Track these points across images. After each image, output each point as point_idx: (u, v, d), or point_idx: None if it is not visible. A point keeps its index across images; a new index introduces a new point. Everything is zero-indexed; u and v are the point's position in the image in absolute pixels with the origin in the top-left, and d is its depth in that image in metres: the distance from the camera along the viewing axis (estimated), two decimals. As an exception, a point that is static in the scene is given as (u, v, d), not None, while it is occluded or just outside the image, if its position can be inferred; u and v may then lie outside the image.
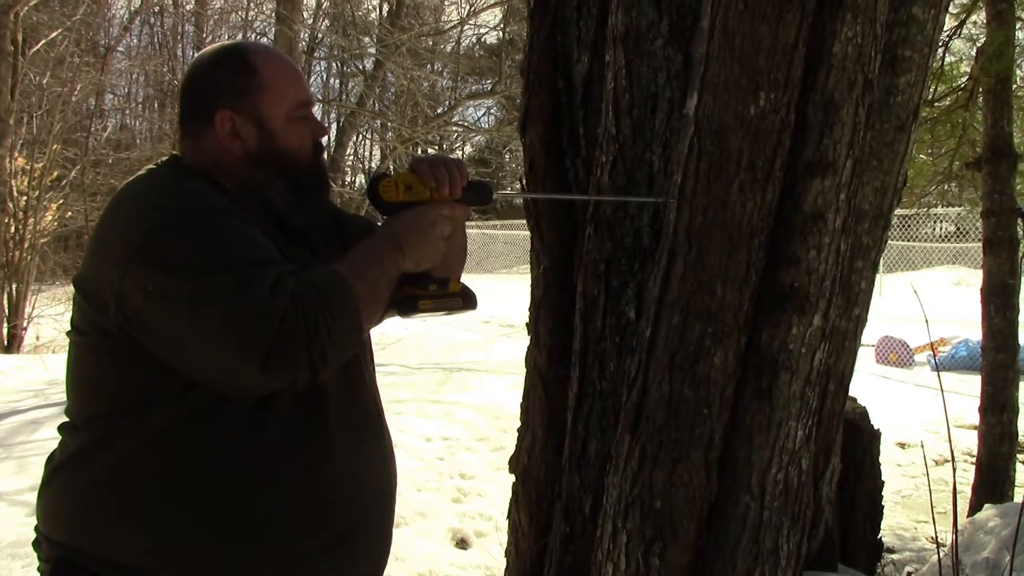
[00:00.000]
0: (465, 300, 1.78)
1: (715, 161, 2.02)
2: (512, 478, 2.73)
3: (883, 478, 2.87)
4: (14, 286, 13.36)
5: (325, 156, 1.82)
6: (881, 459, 2.87)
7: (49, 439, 6.22)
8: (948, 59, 5.83)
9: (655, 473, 2.09)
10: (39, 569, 1.63)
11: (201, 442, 1.53)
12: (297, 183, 1.70)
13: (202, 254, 1.47)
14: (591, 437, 2.39)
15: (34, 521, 1.68)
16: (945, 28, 5.20)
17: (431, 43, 20.85)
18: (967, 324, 11.00)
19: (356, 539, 1.70)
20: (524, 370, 2.68)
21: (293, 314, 1.41)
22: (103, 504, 1.55)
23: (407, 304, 1.69)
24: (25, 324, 13.41)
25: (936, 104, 5.59)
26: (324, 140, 1.82)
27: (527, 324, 2.67)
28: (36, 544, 1.65)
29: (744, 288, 2.05)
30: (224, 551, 1.54)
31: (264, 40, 22.24)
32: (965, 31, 5.99)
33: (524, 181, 2.64)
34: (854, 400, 2.79)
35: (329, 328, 1.44)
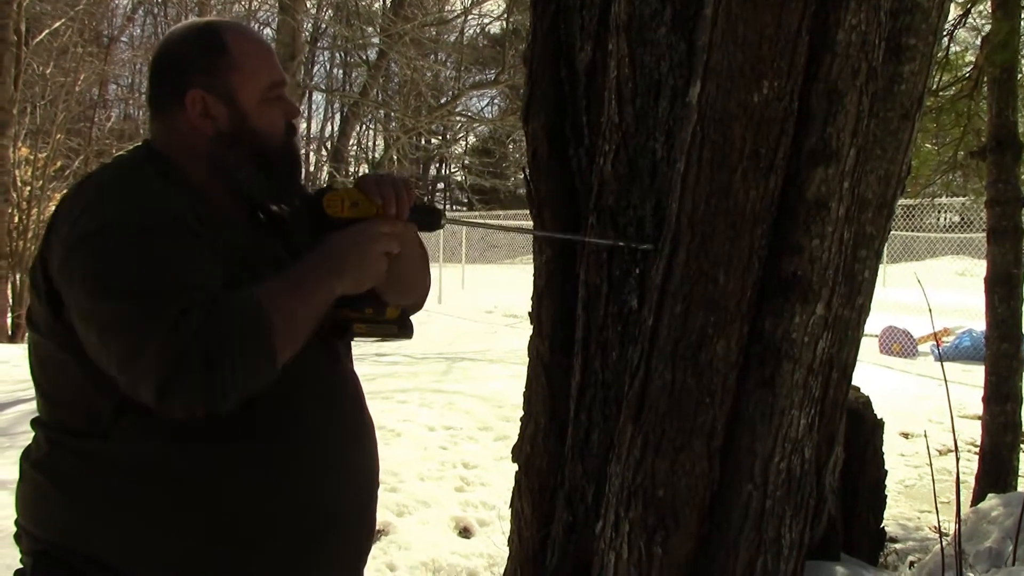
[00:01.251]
0: (401, 328, 1.72)
1: (718, 149, 2.02)
2: (515, 467, 2.73)
3: (887, 468, 2.87)
4: (18, 276, 13.38)
5: (297, 138, 1.77)
6: (885, 449, 2.87)
7: (53, 428, 6.21)
8: (953, 48, 5.81)
9: (657, 462, 2.09)
10: (21, 561, 1.62)
11: (167, 444, 1.51)
12: (268, 165, 1.65)
13: (115, 278, 1.43)
14: (593, 426, 2.39)
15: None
16: (950, 17, 5.18)
17: (435, 33, 20.82)
18: (971, 314, 10.99)
19: (329, 540, 1.67)
20: (527, 359, 2.68)
21: (193, 352, 1.35)
22: (76, 503, 1.54)
23: (340, 327, 1.65)
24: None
25: (941, 94, 5.57)
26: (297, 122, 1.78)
27: (529, 313, 2.67)
28: (17, 537, 1.64)
29: (747, 276, 2.04)
30: (189, 550, 1.53)
31: (267, 30, 22.20)
32: (970, 20, 5.97)
33: (527, 170, 2.64)
34: (857, 389, 2.79)
35: (233, 363, 1.37)
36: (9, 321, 13.07)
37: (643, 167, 2.30)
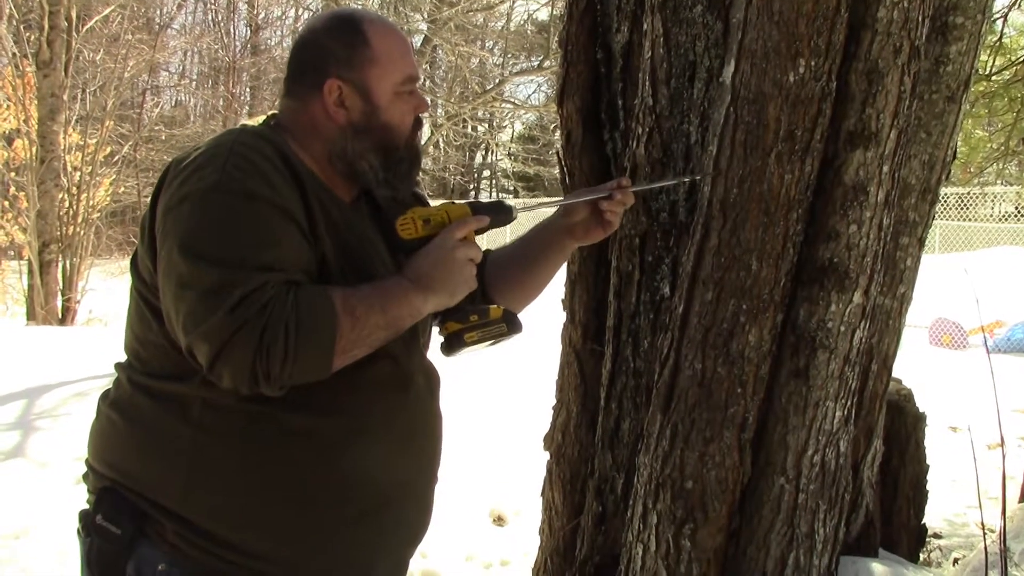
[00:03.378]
0: (510, 325, 1.72)
1: (752, 131, 1.95)
2: (547, 456, 2.69)
3: (933, 462, 2.79)
4: (68, 260, 13.60)
5: (422, 132, 1.83)
6: (931, 443, 2.78)
7: (94, 410, 6.33)
8: (1007, 32, 5.65)
9: (686, 453, 2.04)
10: (87, 500, 1.67)
11: (244, 402, 1.54)
12: (391, 158, 1.71)
13: (206, 240, 1.47)
14: (624, 415, 2.35)
15: (79, 491, 1.71)
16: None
17: (481, 19, 20.79)
18: (1025, 306, 10.78)
19: (383, 519, 1.69)
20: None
21: (251, 328, 1.40)
22: (146, 445, 1.59)
23: (452, 341, 1.67)
24: (79, 298, 13.66)
25: (994, 78, 5.42)
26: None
27: (562, 300, 2.62)
28: (85, 477, 1.70)
29: (781, 263, 1.98)
30: (246, 508, 1.57)
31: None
32: (1025, 2, 5.80)
33: (561, 154, 2.59)
34: (899, 381, 2.71)
35: (287, 351, 1.42)
36: (59, 304, 13.30)
37: (676, 151, 2.25)
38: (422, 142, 1.82)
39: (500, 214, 1.75)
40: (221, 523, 1.56)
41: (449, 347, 1.68)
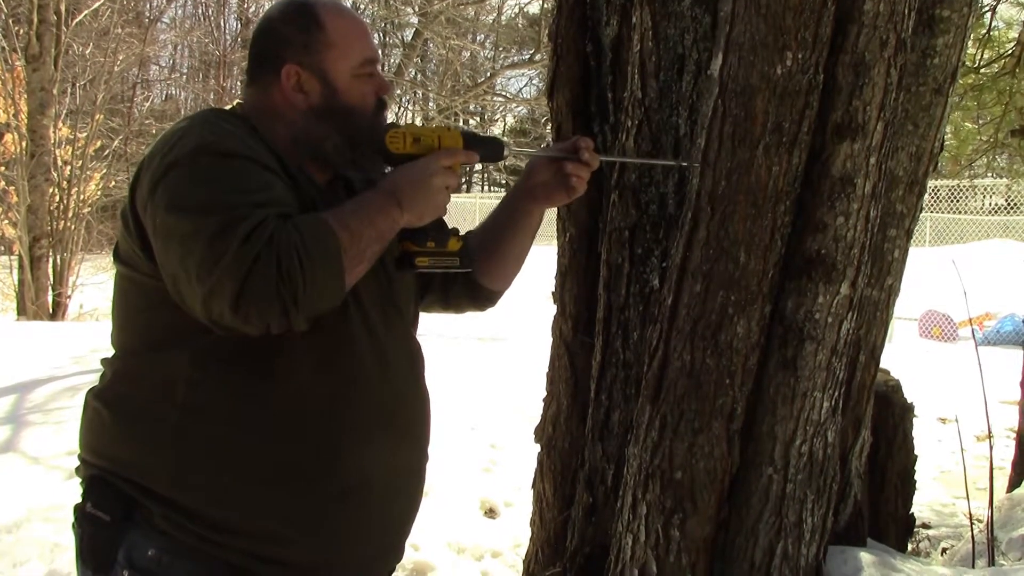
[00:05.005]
0: (463, 260, 1.73)
1: (740, 123, 1.96)
2: (538, 448, 2.70)
3: (921, 453, 2.81)
4: (59, 255, 13.56)
5: (386, 114, 1.81)
6: (921, 434, 2.80)
7: (86, 405, 6.29)
8: (995, 24, 5.66)
9: (675, 444, 2.05)
10: (80, 493, 1.68)
11: (221, 385, 1.56)
12: (355, 140, 1.71)
13: (198, 195, 1.48)
14: (614, 407, 2.36)
15: (71, 486, 1.72)
16: (993, -8, 5.05)
17: (472, 12, 20.76)
18: (1015, 298, 10.82)
19: (364, 500, 1.68)
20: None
21: (266, 257, 1.40)
22: (129, 431, 1.60)
23: (403, 259, 1.68)
24: (70, 292, 13.62)
25: (982, 71, 5.44)
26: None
27: (553, 293, 2.63)
28: (77, 469, 1.71)
29: (769, 255, 1.99)
30: (228, 487, 1.57)
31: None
32: (1014, -5, 5.82)
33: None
34: (887, 372, 2.72)
35: (304, 273, 1.42)
36: (50, 299, 13.26)
37: (666, 143, 2.26)
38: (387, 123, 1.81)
39: (491, 150, 1.77)
40: (209, 503, 1.56)
41: (399, 265, 1.69)
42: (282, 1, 1.75)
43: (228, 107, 1.76)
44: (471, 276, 1.95)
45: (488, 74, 21.28)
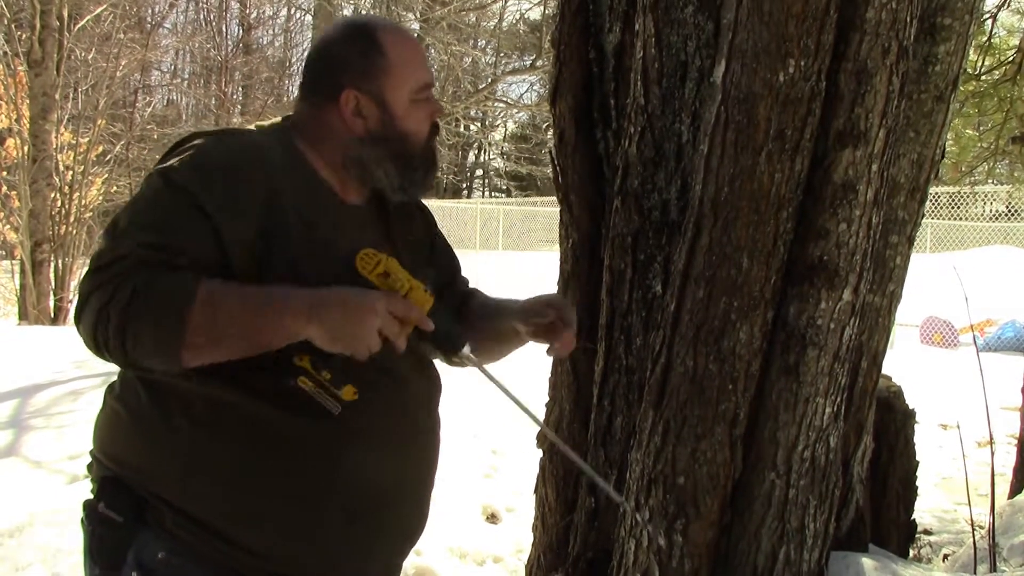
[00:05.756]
0: (333, 408, 1.59)
1: (743, 130, 1.97)
2: (541, 453, 2.71)
3: (923, 459, 2.81)
4: (61, 260, 13.57)
5: (438, 138, 1.81)
6: (922, 440, 2.80)
7: (87, 410, 6.30)
8: (996, 31, 5.68)
9: (678, 449, 2.06)
10: (91, 491, 1.68)
11: (236, 406, 1.56)
12: (407, 165, 1.71)
13: (128, 210, 1.53)
14: (616, 412, 2.37)
15: (72, 490, 1.71)
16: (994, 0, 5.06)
17: (474, 18, 20.79)
18: (1017, 304, 10.81)
19: (375, 520, 1.70)
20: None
21: (103, 290, 1.43)
22: (144, 438, 1.61)
23: (286, 369, 1.55)
24: (71, 297, 13.62)
25: (983, 78, 5.45)
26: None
27: (554, 299, 2.64)
28: (89, 467, 1.71)
29: (771, 261, 2.00)
30: (242, 504, 1.57)
31: (307, 17, 22.28)
32: (1015, 3, 5.83)
33: (553, 153, 2.61)
34: (889, 379, 2.73)
35: (124, 321, 1.42)
36: (51, 304, 13.26)
37: (668, 150, 2.27)
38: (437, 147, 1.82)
39: (448, 339, 1.64)
40: (218, 517, 1.57)
41: (280, 373, 1.56)
42: (341, 23, 1.76)
43: (279, 120, 1.76)
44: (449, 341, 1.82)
45: (489, 80, 21.31)
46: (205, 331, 1.44)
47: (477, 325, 1.93)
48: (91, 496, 1.67)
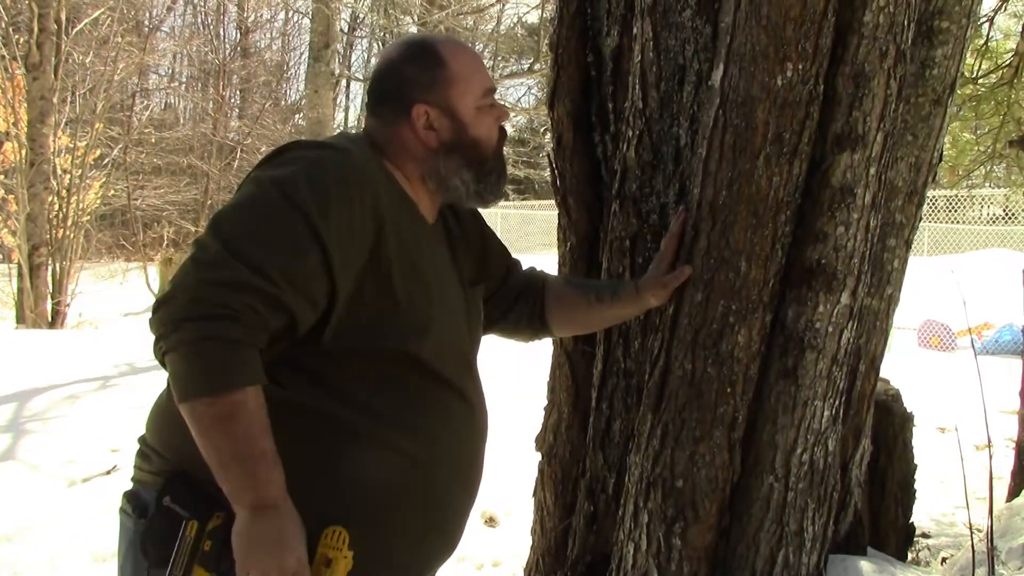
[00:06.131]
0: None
1: (740, 134, 1.98)
2: (539, 456, 2.71)
3: (921, 463, 2.81)
4: (58, 264, 13.55)
5: (504, 142, 1.87)
6: (920, 444, 2.80)
7: (85, 413, 6.29)
8: (993, 35, 5.68)
9: (677, 452, 2.06)
10: (138, 479, 1.68)
11: (328, 419, 1.59)
12: (482, 170, 1.77)
13: (234, 221, 1.53)
14: (615, 416, 2.37)
15: (71, 494, 1.70)
16: (991, 2, 5.07)
17: (471, 22, 20.80)
18: (1014, 308, 10.79)
19: (441, 538, 1.76)
20: (552, 348, 2.65)
21: (200, 304, 1.44)
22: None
23: (168, 519, 1.55)
24: (68, 301, 13.62)
25: (980, 81, 5.46)
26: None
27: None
28: (141, 454, 1.69)
29: (769, 264, 2.00)
30: (326, 512, 1.57)
31: (305, 21, 22.29)
32: (1011, 7, 5.84)
33: (552, 157, 2.61)
34: (887, 382, 2.73)
35: (175, 351, 1.45)
36: (49, 307, 13.25)
37: (666, 153, 2.27)
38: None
39: None
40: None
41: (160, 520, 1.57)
42: (401, 42, 1.81)
43: (360, 133, 1.80)
44: (544, 316, 2.06)
45: (487, 83, 21.26)
46: (207, 419, 1.46)
47: (583, 309, 2.09)
48: (136, 487, 1.67)
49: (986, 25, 5.31)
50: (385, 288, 1.60)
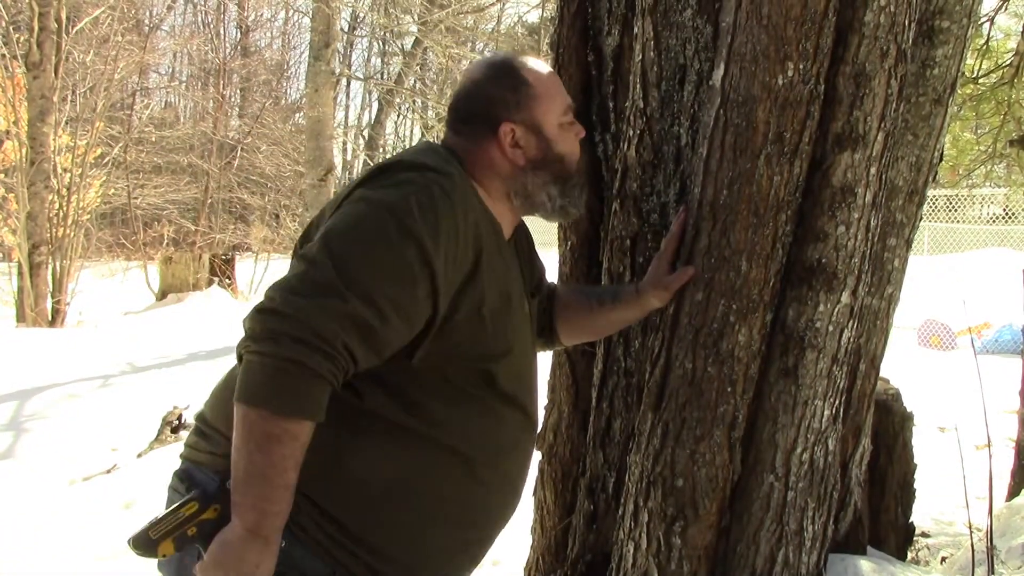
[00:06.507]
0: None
1: (741, 133, 1.98)
2: (539, 456, 2.71)
3: (921, 462, 2.81)
4: (58, 262, 13.56)
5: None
6: (920, 443, 2.80)
7: (85, 412, 6.28)
8: (994, 34, 5.68)
9: (677, 451, 2.06)
10: (189, 458, 1.70)
11: (392, 430, 1.62)
12: (567, 185, 1.81)
13: (348, 244, 1.54)
14: (615, 415, 2.37)
15: (72, 492, 1.69)
16: (991, 2, 5.07)
17: (472, 21, 20.80)
18: (1014, 307, 10.78)
19: (478, 550, 1.80)
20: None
21: (300, 328, 1.46)
22: None
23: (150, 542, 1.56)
24: (68, 299, 13.62)
25: (981, 81, 5.46)
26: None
27: (554, 301, 2.64)
28: (200, 433, 1.71)
29: (770, 264, 2.01)
30: (382, 512, 1.62)
31: (305, 20, 22.28)
32: (1011, 7, 5.84)
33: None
34: (887, 381, 2.73)
35: (261, 357, 1.47)
36: (49, 306, 13.25)
37: (667, 153, 2.27)
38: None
39: None
40: (352, 517, 1.60)
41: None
42: (484, 63, 1.85)
43: (442, 148, 1.79)
44: (554, 326, 2.08)
45: (487, 82, 21.25)
46: (257, 430, 1.48)
47: (587, 315, 2.11)
48: (188, 465, 1.68)
49: (987, 24, 5.31)
50: (475, 314, 1.63)
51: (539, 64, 1.84)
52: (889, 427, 2.67)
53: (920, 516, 3.88)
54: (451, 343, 1.62)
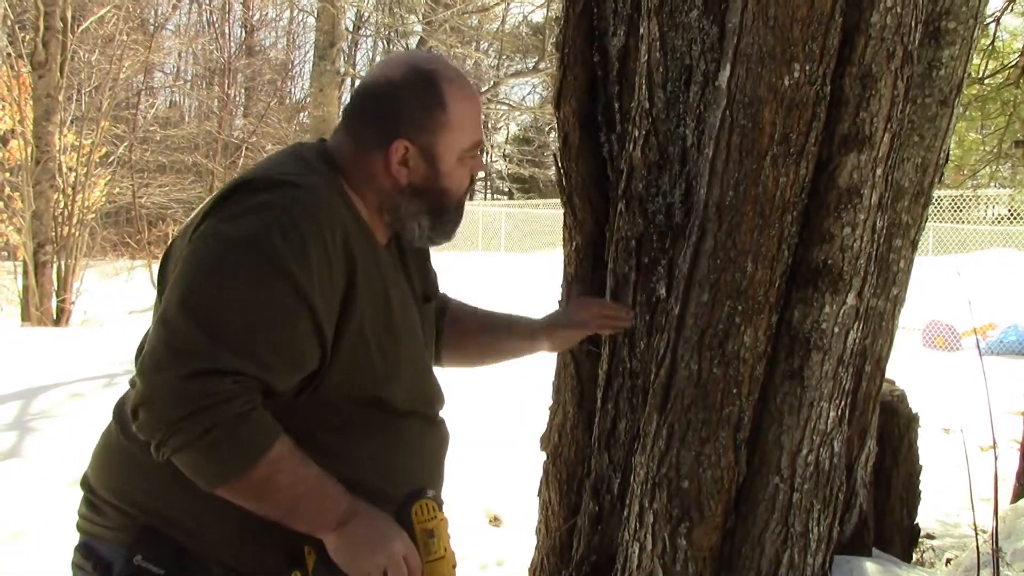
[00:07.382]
0: None
1: (747, 134, 1.97)
2: (544, 456, 2.71)
3: (926, 463, 2.81)
4: (63, 261, 13.57)
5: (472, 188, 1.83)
6: (925, 444, 2.80)
7: (89, 412, 6.30)
8: (1000, 35, 5.68)
9: (682, 452, 2.06)
10: (86, 531, 1.66)
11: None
12: (441, 219, 1.71)
13: (210, 295, 1.44)
14: (620, 416, 2.37)
15: (74, 492, 1.69)
16: (997, 3, 5.06)
17: (476, 21, 20.81)
18: (1019, 308, 10.79)
19: None
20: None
21: (188, 402, 1.38)
22: (182, 485, 1.50)
23: (295, 556, 1.56)
24: (73, 298, 13.64)
25: (986, 82, 5.45)
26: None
27: (559, 302, 2.64)
28: (90, 505, 1.67)
29: (776, 265, 2.00)
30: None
31: (310, 19, 22.30)
32: (1018, 7, 5.83)
33: (558, 156, 2.61)
34: (892, 383, 2.73)
35: (180, 454, 1.40)
36: (54, 305, 13.27)
37: (673, 154, 2.27)
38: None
39: None
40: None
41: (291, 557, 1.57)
42: (408, 63, 1.69)
43: (318, 141, 1.72)
44: (439, 344, 1.98)
45: (492, 82, 21.33)
46: (253, 487, 1.44)
47: (474, 338, 2.08)
48: (87, 539, 1.61)
49: (993, 25, 5.30)
50: (358, 339, 1.55)
51: (465, 89, 1.69)
52: (894, 428, 2.66)
53: (925, 518, 3.87)
54: (337, 375, 1.54)
